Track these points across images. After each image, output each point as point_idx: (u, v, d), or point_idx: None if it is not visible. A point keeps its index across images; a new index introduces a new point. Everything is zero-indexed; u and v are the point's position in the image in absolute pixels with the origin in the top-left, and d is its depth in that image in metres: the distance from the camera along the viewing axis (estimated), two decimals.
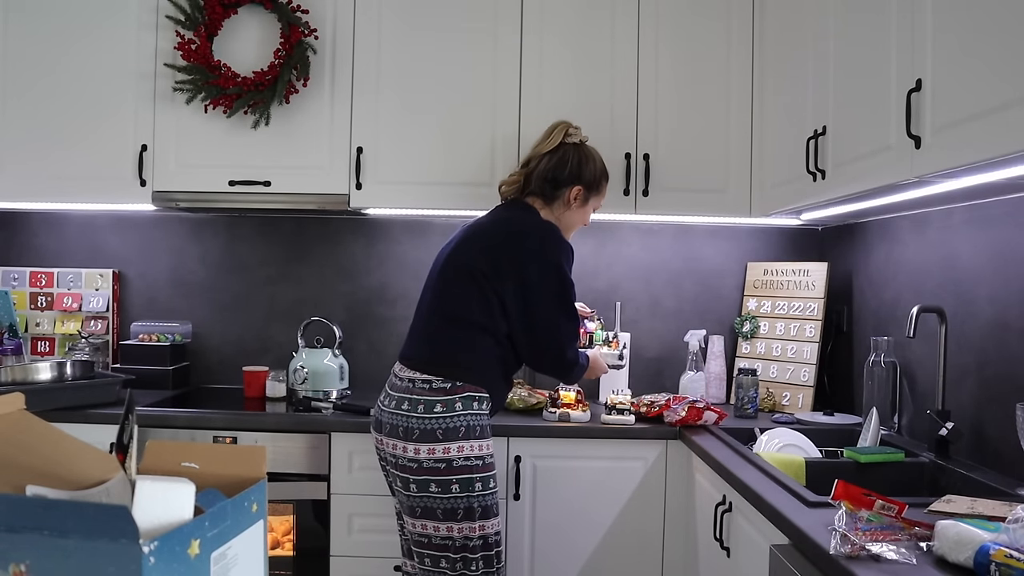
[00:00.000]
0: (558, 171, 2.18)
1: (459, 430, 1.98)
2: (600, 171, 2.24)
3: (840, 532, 1.33)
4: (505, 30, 2.69)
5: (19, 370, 2.54)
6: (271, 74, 2.62)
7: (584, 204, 2.23)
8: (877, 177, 1.82)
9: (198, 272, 3.10)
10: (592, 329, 2.66)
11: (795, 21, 2.38)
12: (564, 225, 2.22)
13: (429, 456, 1.96)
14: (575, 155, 2.20)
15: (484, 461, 2.01)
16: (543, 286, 2.04)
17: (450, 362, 2.05)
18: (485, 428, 2.04)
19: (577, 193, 2.20)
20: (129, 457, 0.73)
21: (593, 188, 2.23)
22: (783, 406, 2.78)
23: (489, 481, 2.01)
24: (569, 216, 2.22)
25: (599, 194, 2.26)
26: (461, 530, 1.98)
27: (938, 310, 2.09)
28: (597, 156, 2.25)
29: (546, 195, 2.20)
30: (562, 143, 2.21)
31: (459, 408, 1.99)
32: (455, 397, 2.00)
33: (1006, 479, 1.83)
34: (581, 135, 2.25)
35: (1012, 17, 1.36)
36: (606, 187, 2.28)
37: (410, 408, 2.00)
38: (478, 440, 2.00)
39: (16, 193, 2.73)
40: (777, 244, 3.04)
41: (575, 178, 2.19)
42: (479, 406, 2.03)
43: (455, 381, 2.01)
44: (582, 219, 2.26)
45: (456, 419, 1.98)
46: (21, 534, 0.59)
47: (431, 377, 2.03)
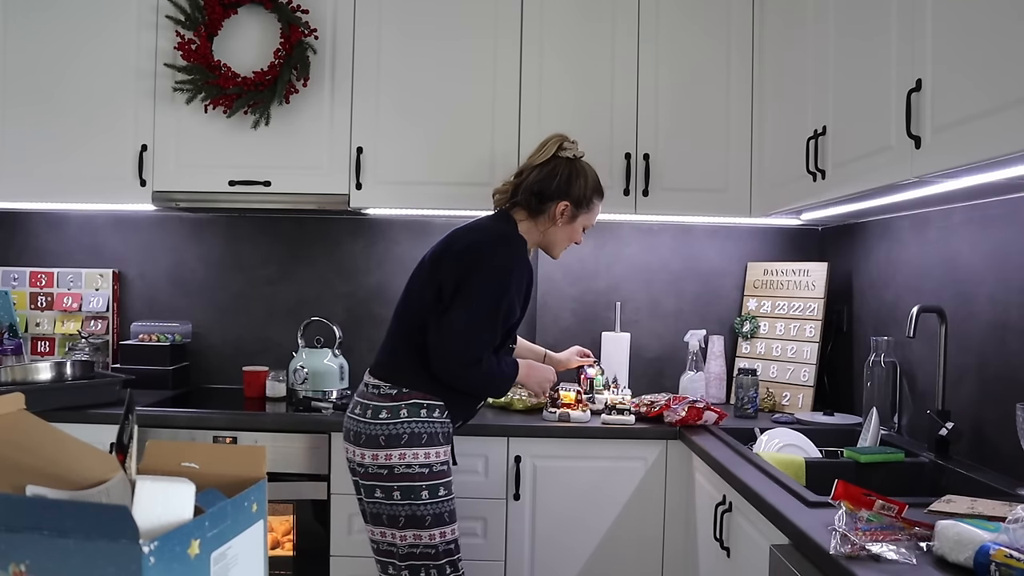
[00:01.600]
0: (545, 185, 2.12)
1: (401, 437, 1.96)
2: (592, 188, 2.17)
3: (840, 532, 1.33)
4: (506, 30, 2.69)
5: (19, 370, 2.54)
6: (271, 74, 2.62)
7: (571, 221, 2.16)
8: (877, 177, 1.82)
9: (198, 272, 3.10)
10: (592, 375, 2.69)
11: (795, 21, 2.38)
12: (549, 241, 2.17)
13: (373, 461, 1.97)
14: (566, 170, 2.13)
15: (432, 469, 1.97)
16: (475, 291, 1.97)
17: (396, 369, 2.04)
18: (435, 436, 1.99)
19: (564, 209, 2.13)
20: (129, 457, 0.73)
21: (582, 205, 2.15)
22: (783, 406, 2.78)
23: (438, 489, 1.98)
24: (555, 232, 2.16)
25: (589, 212, 2.19)
26: (405, 537, 1.96)
27: (938, 310, 2.09)
28: (590, 173, 2.18)
29: (532, 208, 2.13)
30: (555, 156, 2.15)
31: (404, 415, 1.98)
32: (400, 404, 1.99)
33: (1006, 479, 1.83)
34: (577, 150, 2.18)
35: (1011, 18, 1.36)
36: (598, 205, 2.21)
37: (361, 413, 2.01)
38: (424, 448, 1.97)
39: (16, 193, 2.73)
40: (777, 244, 3.04)
41: (562, 193, 2.12)
42: (428, 414, 1.99)
43: (401, 387, 2.01)
44: (570, 236, 2.19)
45: (399, 426, 1.96)
46: (21, 534, 0.59)
47: (380, 383, 2.04)
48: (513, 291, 1.99)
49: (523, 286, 2.03)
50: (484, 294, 1.97)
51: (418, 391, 2.00)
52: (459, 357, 1.97)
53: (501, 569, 2.44)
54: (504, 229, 2.09)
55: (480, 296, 1.97)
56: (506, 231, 2.09)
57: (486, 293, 1.97)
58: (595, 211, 2.20)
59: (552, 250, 2.20)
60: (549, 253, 2.22)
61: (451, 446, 2.07)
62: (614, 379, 2.79)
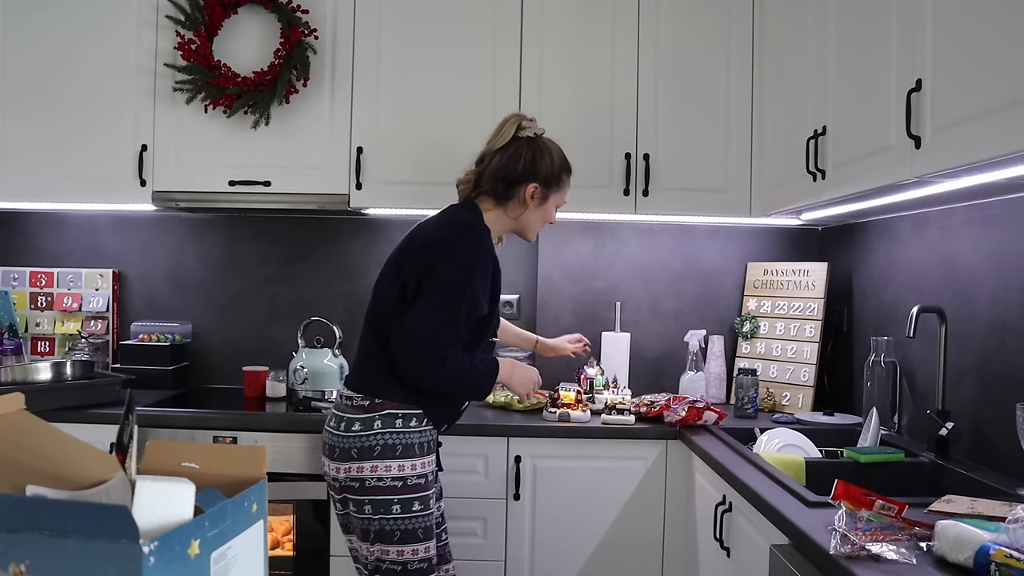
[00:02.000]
0: (511, 168, 2.02)
1: (374, 449, 1.88)
2: (559, 165, 2.07)
3: (840, 532, 1.33)
4: (506, 29, 2.69)
5: (19, 370, 2.54)
6: (271, 74, 2.62)
7: (544, 202, 2.07)
8: (877, 177, 1.82)
9: (198, 272, 3.10)
10: (592, 375, 2.69)
11: (795, 21, 2.38)
12: (523, 226, 2.09)
13: (346, 475, 1.90)
14: (529, 151, 2.03)
15: (407, 482, 1.89)
16: (435, 287, 1.87)
17: (368, 378, 1.96)
18: (411, 447, 1.90)
19: (534, 191, 2.04)
20: (129, 457, 0.73)
21: (552, 184, 2.06)
22: (783, 406, 2.78)
23: (412, 504, 1.89)
24: (528, 216, 2.07)
25: (560, 190, 2.10)
26: (372, 552, 1.89)
27: (938, 310, 2.09)
28: (555, 149, 2.09)
29: (499, 195, 2.04)
30: (515, 138, 2.04)
31: (377, 427, 1.89)
32: (374, 415, 1.90)
33: (1006, 479, 1.83)
34: (536, 127, 2.08)
35: (1011, 19, 1.36)
36: (568, 181, 2.12)
37: (335, 426, 1.94)
38: (398, 460, 1.88)
39: (16, 193, 2.73)
40: (777, 244, 3.04)
41: (530, 175, 2.02)
42: (404, 424, 1.91)
43: (374, 398, 1.92)
44: (544, 218, 2.10)
45: (372, 438, 1.89)
46: (21, 534, 0.59)
47: (353, 394, 1.95)
48: (476, 283, 1.89)
49: (487, 278, 1.93)
50: (445, 289, 1.87)
51: (392, 401, 1.92)
52: (421, 357, 1.86)
53: (501, 569, 2.44)
54: (467, 219, 1.99)
55: (441, 291, 1.87)
56: (469, 220, 1.99)
57: (447, 287, 1.87)
58: (566, 188, 2.12)
59: (526, 234, 2.12)
60: (524, 237, 2.13)
61: (435, 455, 1.99)
62: (614, 379, 2.80)
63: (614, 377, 2.80)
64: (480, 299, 1.91)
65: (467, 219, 1.99)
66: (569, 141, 2.68)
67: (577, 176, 2.68)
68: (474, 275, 1.88)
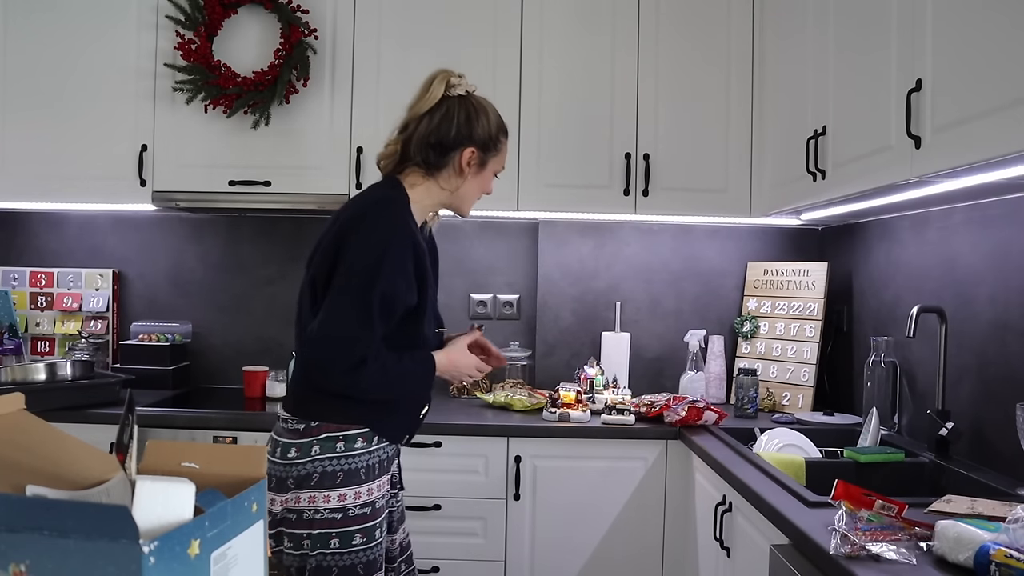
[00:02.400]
0: (443, 132, 1.75)
1: (312, 477, 1.62)
2: (496, 126, 1.82)
3: (840, 532, 1.33)
4: (505, 29, 2.69)
5: (19, 370, 2.54)
6: (271, 74, 2.62)
7: (482, 168, 1.81)
8: (877, 177, 1.82)
9: (198, 272, 3.10)
10: (592, 375, 2.69)
11: (795, 21, 2.38)
12: (460, 197, 1.82)
13: (282, 507, 1.64)
14: (462, 110, 1.77)
15: (347, 513, 1.62)
16: (341, 278, 1.62)
17: (301, 398, 1.70)
18: (356, 473, 1.65)
19: (471, 156, 1.77)
20: (129, 457, 0.73)
21: (490, 147, 1.80)
22: (783, 406, 2.78)
23: (352, 537, 1.63)
24: (466, 187, 1.80)
25: (499, 154, 1.84)
26: None
27: (938, 310, 2.09)
28: (490, 108, 1.83)
29: (430, 164, 1.76)
30: (444, 97, 1.77)
31: (315, 452, 1.63)
32: (311, 440, 1.64)
33: (1006, 479, 1.83)
34: (467, 84, 1.82)
35: (1011, 18, 1.36)
36: (506, 144, 1.86)
37: (271, 452, 1.68)
38: (339, 489, 1.62)
39: (16, 193, 2.73)
40: (777, 244, 3.04)
41: (465, 138, 1.76)
42: (347, 447, 1.65)
43: (309, 421, 1.66)
44: (481, 187, 1.84)
45: (310, 465, 1.62)
46: (21, 534, 0.59)
47: (288, 416, 1.69)
48: (388, 269, 1.61)
49: (406, 262, 1.64)
50: (351, 282, 1.61)
51: (330, 422, 1.65)
52: (333, 368, 1.60)
53: (501, 569, 2.44)
54: (379, 196, 1.72)
55: (347, 286, 1.61)
56: (380, 197, 1.72)
57: (352, 280, 1.61)
58: (504, 152, 1.86)
59: (463, 207, 1.85)
60: (459, 212, 1.86)
61: (389, 475, 1.74)
62: (614, 379, 2.80)
63: (614, 377, 2.81)
64: (399, 289, 1.63)
65: (379, 196, 1.72)
66: (569, 141, 2.70)
67: (577, 176, 2.70)
68: (384, 261, 1.61)
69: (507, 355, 2.93)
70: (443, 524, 2.42)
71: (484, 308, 3.07)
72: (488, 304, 3.07)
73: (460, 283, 3.07)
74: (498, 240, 3.08)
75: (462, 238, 3.07)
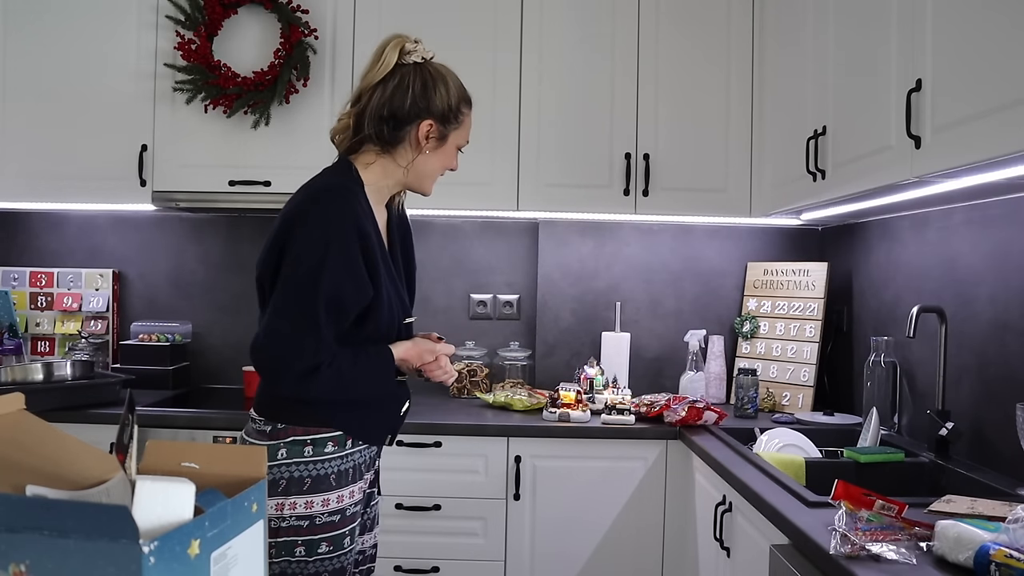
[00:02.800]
0: (397, 104, 1.60)
1: (278, 484, 1.53)
2: (456, 95, 1.67)
3: (840, 532, 1.33)
4: (505, 29, 2.69)
5: (19, 370, 2.54)
6: (271, 74, 2.62)
7: (442, 142, 1.66)
8: (877, 177, 1.82)
9: (198, 272, 3.10)
10: (592, 375, 2.69)
11: (795, 21, 2.38)
12: (420, 175, 1.67)
13: None
14: (418, 79, 1.62)
15: (314, 521, 1.53)
16: (283, 277, 1.51)
17: (268, 397, 1.60)
18: (325, 479, 1.55)
19: (428, 129, 1.63)
20: (129, 457, 0.73)
21: (450, 119, 1.65)
22: (783, 406, 2.78)
23: (318, 546, 1.53)
24: (424, 162, 1.65)
25: (460, 126, 1.68)
26: None
27: (938, 310, 2.09)
28: (450, 76, 1.68)
29: (385, 139, 1.62)
30: (399, 65, 1.62)
31: (282, 456, 1.53)
32: (278, 443, 1.54)
33: (1006, 479, 1.83)
34: (424, 50, 1.65)
35: (1011, 18, 1.36)
36: (469, 115, 1.71)
37: None
38: (306, 495, 1.53)
39: (16, 193, 2.73)
40: (777, 244, 3.04)
41: (422, 110, 1.62)
42: (316, 452, 1.55)
43: (276, 423, 1.56)
44: (444, 162, 1.69)
45: (276, 470, 1.53)
46: (21, 534, 0.59)
47: (256, 417, 1.60)
48: (333, 270, 1.49)
49: (353, 259, 1.52)
50: (293, 282, 1.49)
51: (298, 425, 1.55)
52: (286, 372, 1.50)
53: (501, 569, 2.44)
54: (322, 186, 1.61)
55: (289, 286, 1.50)
56: (324, 187, 1.59)
57: (295, 280, 1.49)
58: (467, 124, 1.71)
59: (423, 185, 1.70)
60: (420, 191, 1.71)
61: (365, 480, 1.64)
62: (614, 379, 2.79)
63: (614, 377, 2.80)
64: (345, 291, 1.51)
65: (322, 185, 1.60)
66: (569, 141, 2.70)
67: (577, 176, 2.70)
68: (327, 262, 1.49)
69: (507, 355, 2.94)
70: (443, 524, 2.42)
71: (484, 308, 3.07)
72: (488, 304, 3.07)
73: (460, 283, 3.07)
74: (498, 240, 3.08)
75: (462, 238, 3.07)
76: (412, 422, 2.36)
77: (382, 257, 1.60)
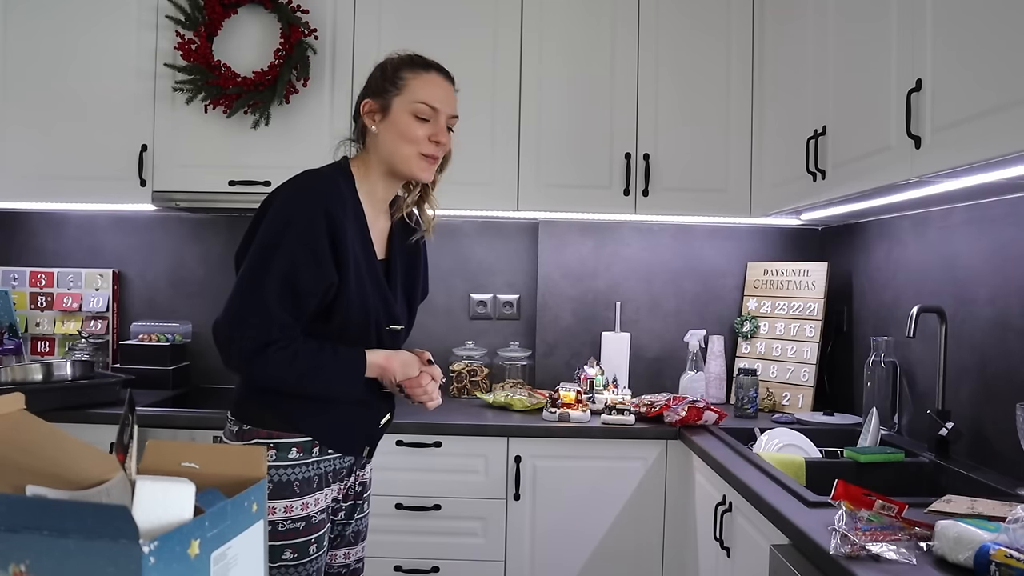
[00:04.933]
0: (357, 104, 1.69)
1: None
2: (395, 64, 1.66)
3: (840, 532, 1.33)
4: (505, 30, 2.69)
5: (19, 370, 2.54)
6: (271, 74, 2.62)
7: (385, 113, 1.63)
8: (877, 177, 1.82)
9: (198, 272, 3.09)
10: (592, 375, 2.69)
11: (795, 20, 2.38)
12: (387, 154, 1.63)
13: None
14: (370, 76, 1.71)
15: (276, 527, 1.51)
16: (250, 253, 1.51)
17: (238, 398, 1.60)
18: (289, 485, 1.52)
19: (367, 107, 1.64)
20: (129, 457, 0.73)
21: (387, 88, 1.63)
22: (783, 406, 2.78)
23: (281, 552, 1.51)
24: (380, 140, 1.63)
25: (402, 91, 1.63)
26: None
27: (938, 310, 2.09)
28: (391, 57, 1.71)
29: (356, 135, 1.70)
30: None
31: None
32: (243, 445, 1.51)
33: (1006, 479, 1.83)
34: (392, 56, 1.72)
35: (1012, 18, 1.36)
36: (418, 77, 1.65)
37: None
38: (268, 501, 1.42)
39: (16, 193, 2.73)
40: (777, 244, 3.04)
41: (362, 95, 1.68)
42: (280, 456, 1.52)
43: (242, 424, 1.56)
44: (401, 133, 1.61)
45: None
46: (21, 534, 0.59)
47: (229, 416, 1.60)
48: (289, 244, 1.47)
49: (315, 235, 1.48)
50: (251, 261, 1.49)
51: (262, 428, 1.53)
52: (234, 346, 1.49)
53: (501, 569, 2.44)
54: (308, 170, 1.61)
55: (247, 264, 1.49)
56: (308, 170, 1.60)
57: (252, 258, 1.49)
58: (415, 86, 1.63)
59: (401, 169, 1.64)
60: (410, 175, 1.66)
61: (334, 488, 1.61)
62: (614, 379, 2.79)
63: (614, 377, 2.80)
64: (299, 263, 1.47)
65: (307, 170, 1.60)
66: (569, 141, 2.70)
67: (577, 176, 2.70)
68: (285, 236, 1.48)
69: (507, 355, 2.94)
70: (443, 524, 2.42)
71: (484, 308, 3.07)
72: (488, 304, 3.07)
73: (460, 283, 3.07)
74: (498, 240, 3.08)
75: (462, 238, 3.07)
76: (412, 422, 2.37)
77: (363, 255, 1.57)
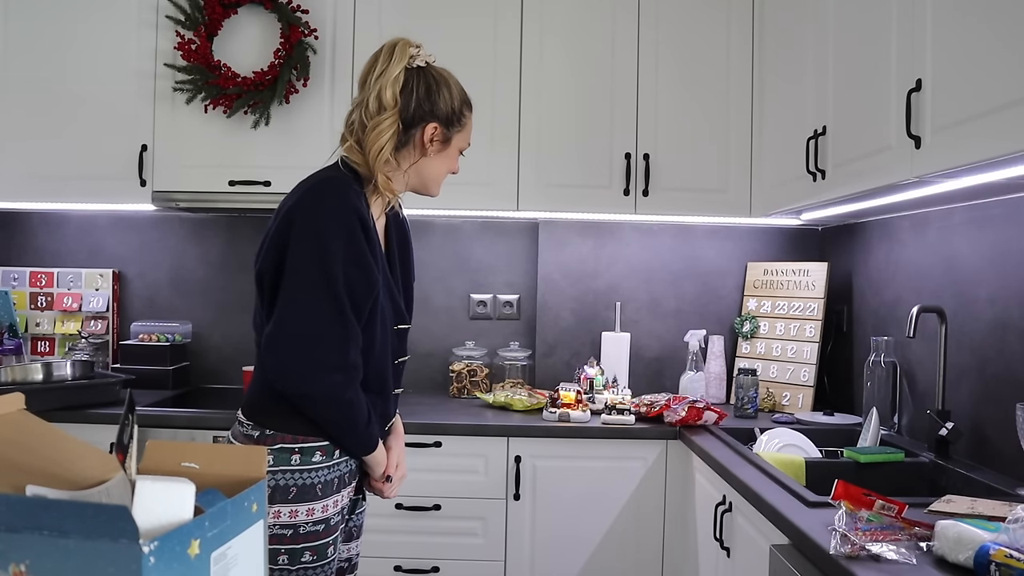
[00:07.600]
0: (403, 107, 1.62)
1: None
2: (459, 98, 1.69)
3: (840, 532, 1.33)
4: (505, 30, 2.69)
5: (19, 370, 2.54)
6: (271, 74, 2.62)
7: (445, 145, 1.67)
8: (877, 177, 1.82)
9: (198, 272, 3.10)
10: (592, 375, 2.69)
11: (795, 20, 2.38)
12: (425, 178, 1.68)
13: None
14: (422, 83, 1.63)
15: (298, 530, 1.51)
16: (291, 266, 1.51)
17: (257, 402, 1.58)
18: (312, 488, 1.52)
19: (433, 132, 1.64)
20: (129, 457, 0.73)
21: (453, 124, 1.67)
22: (783, 406, 2.78)
23: (301, 554, 1.51)
24: (428, 165, 1.67)
25: (463, 129, 1.70)
26: None
27: (938, 310, 2.09)
28: (452, 80, 1.70)
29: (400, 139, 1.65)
30: (403, 70, 1.62)
31: (268, 463, 1.49)
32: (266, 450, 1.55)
33: (1006, 479, 1.83)
34: (426, 55, 1.66)
35: (1012, 17, 1.36)
36: (470, 119, 1.72)
37: None
38: (291, 504, 1.50)
39: (16, 193, 2.73)
40: (777, 244, 3.04)
41: (427, 114, 1.63)
42: (303, 460, 1.52)
43: (264, 429, 1.54)
44: (447, 165, 1.70)
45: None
46: (21, 534, 0.59)
47: (245, 421, 1.58)
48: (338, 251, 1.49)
49: (358, 241, 1.51)
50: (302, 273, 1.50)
51: (287, 432, 1.53)
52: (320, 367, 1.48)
53: (501, 569, 2.44)
54: (324, 176, 1.62)
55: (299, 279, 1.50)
56: (327, 177, 1.61)
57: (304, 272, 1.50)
58: (468, 128, 1.72)
59: (429, 188, 1.71)
60: (426, 192, 1.72)
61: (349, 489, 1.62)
62: (614, 379, 2.80)
63: (614, 377, 2.81)
64: (354, 276, 1.51)
65: (324, 177, 1.62)
66: (569, 141, 2.70)
67: (577, 176, 2.70)
68: (337, 246, 1.50)
69: (507, 355, 2.94)
70: (443, 524, 2.42)
71: (484, 308, 3.07)
72: (488, 304, 3.07)
73: (460, 283, 3.07)
74: (498, 240, 3.08)
75: (462, 238, 3.07)
76: (412, 422, 2.36)
77: (381, 258, 1.61)
